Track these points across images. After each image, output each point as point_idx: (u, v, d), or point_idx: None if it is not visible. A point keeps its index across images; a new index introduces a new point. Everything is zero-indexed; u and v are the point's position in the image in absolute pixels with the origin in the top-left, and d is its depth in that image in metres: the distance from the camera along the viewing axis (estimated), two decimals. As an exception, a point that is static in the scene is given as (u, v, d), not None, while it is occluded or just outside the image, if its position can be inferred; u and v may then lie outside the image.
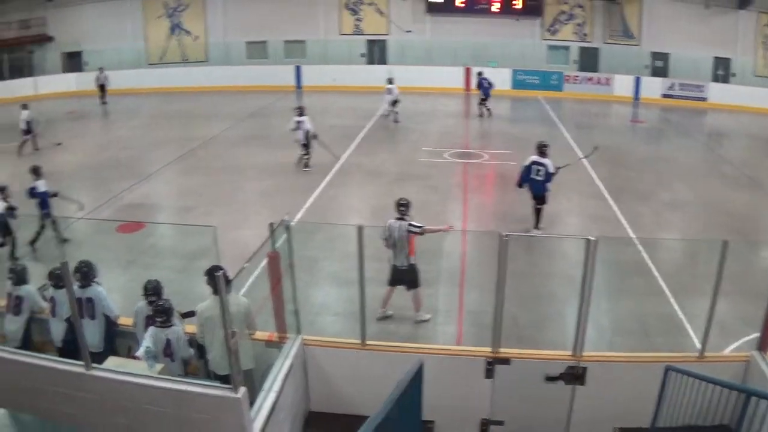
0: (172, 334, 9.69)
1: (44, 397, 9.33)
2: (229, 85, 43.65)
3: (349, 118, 32.02)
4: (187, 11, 47.44)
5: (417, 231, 13.33)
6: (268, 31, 44.17)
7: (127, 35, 48.55)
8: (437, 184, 22.59)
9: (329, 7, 43.57)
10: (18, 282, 11.53)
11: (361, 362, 10.05)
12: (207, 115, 37.62)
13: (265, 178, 24.17)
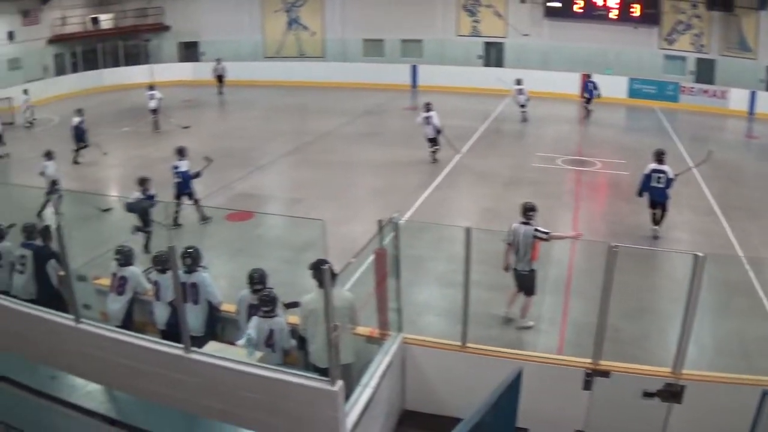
0: (275, 325, 9.87)
1: (143, 376, 9.66)
2: (345, 82, 43.97)
3: (463, 119, 31.94)
4: (304, 7, 47.98)
5: (543, 237, 13.27)
6: (385, 29, 44.30)
7: (244, 28, 49.44)
8: (549, 190, 22.42)
9: (447, 7, 43.45)
10: (124, 263, 11.89)
11: (459, 364, 10.08)
12: (322, 110, 37.99)
13: (376, 175, 24.36)
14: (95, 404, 8.05)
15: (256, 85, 45.94)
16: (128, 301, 11.85)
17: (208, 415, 8.51)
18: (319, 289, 9.39)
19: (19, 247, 13.12)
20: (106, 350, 10.13)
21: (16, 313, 11.37)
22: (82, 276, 11.06)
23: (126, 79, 49.25)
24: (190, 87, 46.32)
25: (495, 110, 34.69)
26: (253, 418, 8.61)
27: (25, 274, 12.85)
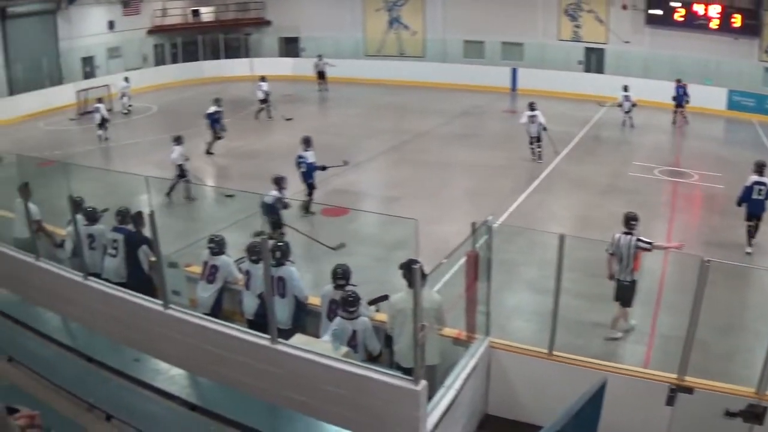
0: (358, 326, 9.84)
1: (228, 365, 9.80)
2: (444, 82, 43.77)
3: (561, 125, 31.58)
4: (406, 6, 47.95)
5: (646, 247, 13.05)
6: (486, 30, 43.93)
7: (345, 25, 49.70)
8: (644, 200, 21.98)
9: (548, 11, 42.99)
10: (216, 252, 12.02)
11: (545, 372, 9.97)
12: (420, 109, 37.91)
13: (471, 177, 24.28)
14: (177, 389, 8.14)
15: (356, 82, 46.03)
16: (218, 289, 12.02)
17: (289, 407, 8.55)
18: (408, 289, 9.39)
19: (111, 231, 13.36)
20: (193, 336, 10.29)
21: (106, 296, 11.58)
22: (174, 263, 11.17)
23: (226, 72, 50.00)
24: (290, 82, 46.68)
25: (594, 117, 34.26)
26: (334, 412, 8.60)
27: (117, 258, 13.10)
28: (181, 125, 34.73)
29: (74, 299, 12.13)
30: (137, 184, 17.15)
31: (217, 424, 7.46)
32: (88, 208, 13.83)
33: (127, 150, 31.62)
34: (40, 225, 14.43)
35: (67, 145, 33.15)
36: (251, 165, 26.18)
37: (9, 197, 15.38)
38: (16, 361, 8.65)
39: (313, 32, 49.96)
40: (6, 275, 13.31)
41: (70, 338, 9.89)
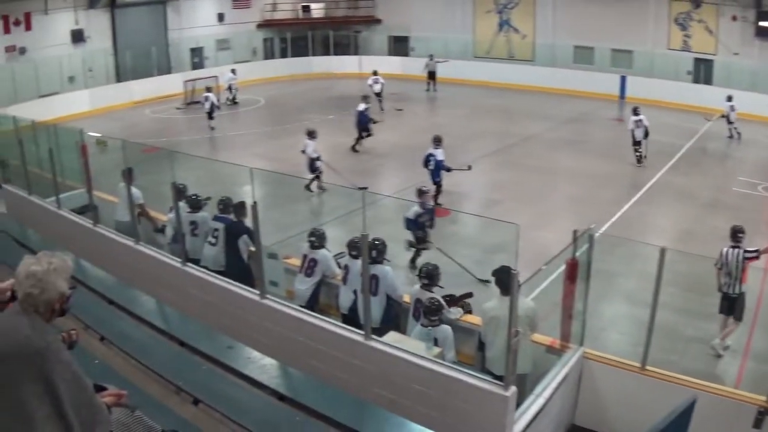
0: (439, 334, 9.71)
1: (320, 358, 9.84)
2: (552, 87, 43.20)
3: (668, 135, 30.93)
4: (516, 9, 47.42)
5: (754, 255, 12.85)
6: (596, 36, 43.17)
7: (455, 26, 49.44)
8: (748, 216, 21.10)
9: (659, 19, 42.07)
10: (316, 246, 12.06)
11: (636, 386, 9.72)
12: (527, 113, 37.56)
13: (575, 184, 23.96)
14: (267, 378, 8.20)
15: (463, 83, 45.78)
16: (315, 283, 12.09)
17: (376, 403, 8.55)
18: (501, 296, 9.33)
19: (212, 219, 13.51)
20: (288, 328, 10.36)
21: (203, 282, 11.71)
22: (273, 254, 11.28)
23: (334, 68, 50.35)
24: (398, 81, 46.70)
25: (701, 129, 33.44)
26: (421, 411, 8.58)
27: (217, 246, 13.26)
28: (287, 119, 35.23)
29: (171, 284, 12.31)
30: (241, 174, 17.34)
31: (303, 415, 7.47)
32: (192, 195, 14.05)
33: (233, 141, 32.04)
34: (142, 209, 14.69)
35: (173, 133, 33.81)
36: (356, 161, 26.27)
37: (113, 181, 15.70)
38: (108, 341, 8.79)
39: (423, 32, 49.87)
40: (106, 257, 13.54)
41: (164, 322, 10.06)
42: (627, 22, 42.16)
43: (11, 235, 14.05)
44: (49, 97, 37.21)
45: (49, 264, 4.73)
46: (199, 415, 7.29)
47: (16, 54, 38.16)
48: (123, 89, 41.43)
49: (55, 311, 4.79)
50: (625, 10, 42.05)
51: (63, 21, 40.46)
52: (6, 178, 17.94)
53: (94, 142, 16.81)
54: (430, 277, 10.67)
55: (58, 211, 15.43)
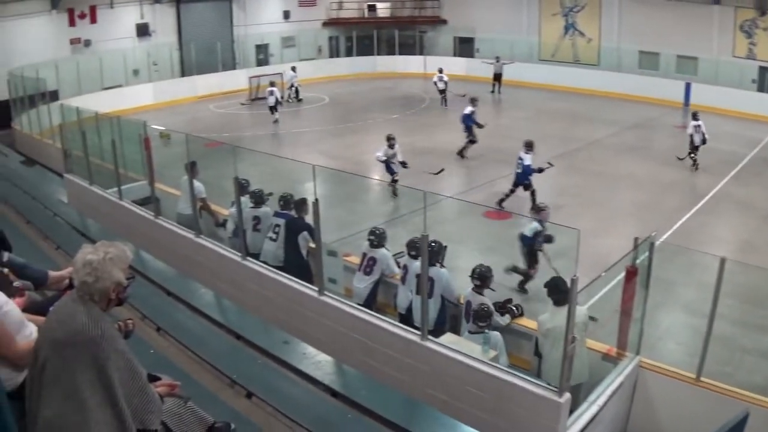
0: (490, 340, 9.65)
1: (375, 356, 9.88)
2: (616, 92, 42.74)
3: (732, 144, 30.44)
4: (582, 12, 47.07)
5: None
6: (661, 42, 42.55)
7: (521, 28, 49.31)
8: (812, 229, 21.12)
9: (724, 26, 41.29)
10: (376, 245, 12.07)
11: (689, 397, 9.55)
12: (591, 118, 37.18)
13: (637, 191, 23.67)
14: (321, 374, 8.23)
15: (528, 86, 45.58)
16: (374, 281, 12.13)
17: (429, 403, 8.54)
18: (554, 308, 9.27)
19: (273, 215, 13.58)
20: (344, 325, 10.39)
21: (262, 277, 11.78)
22: (333, 251, 11.26)
23: (399, 68, 50.49)
24: (462, 82, 46.59)
25: (765, 138, 32.85)
26: (473, 414, 8.58)
27: (276, 242, 13.31)
28: (351, 117, 35.35)
29: (230, 278, 12.42)
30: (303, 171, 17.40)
31: (355, 412, 7.47)
32: (255, 190, 14.15)
33: (296, 137, 32.21)
34: (204, 203, 14.81)
35: (236, 128, 34.12)
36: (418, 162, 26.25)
37: (175, 174, 15.83)
38: (164, 332, 8.86)
39: (488, 33, 49.71)
40: (166, 249, 13.67)
41: (221, 315, 10.14)
42: (692, 28, 41.59)
43: (71, 224, 14.24)
44: (113, 90, 37.82)
45: (106, 253, 4.79)
46: (251, 408, 7.32)
47: (81, 46, 38.77)
48: (187, 84, 41.96)
49: (112, 300, 4.84)
50: (690, 16, 41.56)
51: (128, 15, 41.19)
52: (68, 168, 18.17)
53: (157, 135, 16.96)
54: (482, 278, 10.63)
55: (120, 202, 15.63)
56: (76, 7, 38.44)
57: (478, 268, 10.74)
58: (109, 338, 4.61)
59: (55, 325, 4.64)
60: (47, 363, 4.53)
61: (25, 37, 36.07)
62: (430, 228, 9.17)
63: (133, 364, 4.77)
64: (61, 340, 4.53)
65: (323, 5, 52.10)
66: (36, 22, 37.03)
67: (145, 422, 4.86)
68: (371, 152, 26.30)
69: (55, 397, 4.49)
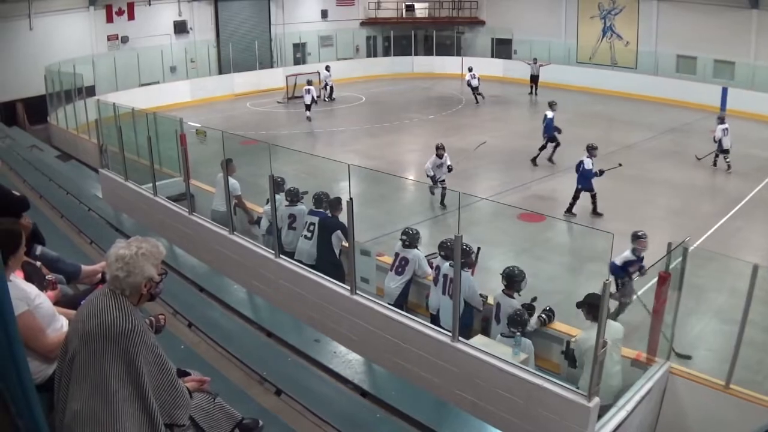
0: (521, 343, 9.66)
1: (406, 356, 9.91)
2: (653, 96, 42.43)
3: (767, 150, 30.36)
4: (620, 15, 46.84)
5: None
6: (698, 46, 42.10)
7: (559, 31, 49.22)
8: None
9: (762, 30, 40.78)
10: (408, 245, 12.07)
11: (718, 404, 9.48)
12: (628, 121, 36.98)
13: (672, 196, 23.52)
14: (351, 373, 8.24)
15: (565, 88, 45.38)
16: (406, 281, 12.10)
17: (458, 405, 8.54)
18: (593, 324, 9.10)
19: (307, 213, 13.63)
20: (376, 325, 10.41)
21: (295, 275, 11.82)
22: (366, 250, 11.26)
23: (436, 69, 50.58)
24: (499, 83, 46.72)
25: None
26: (502, 416, 8.60)
27: (311, 240, 13.33)
28: (388, 117, 35.42)
29: (263, 275, 12.48)
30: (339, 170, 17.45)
31: (384, 412, 7.48)
32: (291, 188, 14.20)
33: (332, 137, 32.34)
34: (239, 201, 14.90)
35: (272, 126, 34.30)
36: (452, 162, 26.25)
37: (210, 171, 15.91)
38: (195, 327, 8.91)
39: (526, 35, 49.70)
40: (199, 245, 13.75)
41: (253, 312, 10.17)
42: (729, 32, 41.18)
43: (106, 219, 14.35)
44: (150, 86, 38.16)
45: (138, 248, 4.84)
46: (280, 405, 7.35)
47: (118, 43, 39.08)
48: (224, 81, 42.24)
49: (143, 295, 4.89)
50: (728, 20, 41.19)
51: (166, 12, 41.55)
52: (104, 164, 18.30)
53: (193, 131, 17.10)
54: (509, 280, 10.59)
55: (154, 198, 15.73)
56: (114, 3, 38.80)
57: (507, 269, 10.70)
58: (140, 332, 4.65)
59: (86, 317, 4.68)
60: (77, 356, 4.58)
61: (62, 33, 36.48)
62: (464, 229, 9.15)
63: (162, 358, 4.81)
64: (92, 333, 4.57)
65: (361, 5, 52.35)
66: (74, 18, 37.44)
67: (174, 417, 4.91)
68: (407, 152, 26.39)
69: (84, 389, 4.53)
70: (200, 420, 5.37)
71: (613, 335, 8.97)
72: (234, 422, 5.64)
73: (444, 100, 41.02)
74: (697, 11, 42.34)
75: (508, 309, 10.24)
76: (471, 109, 38.48)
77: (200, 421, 5.36)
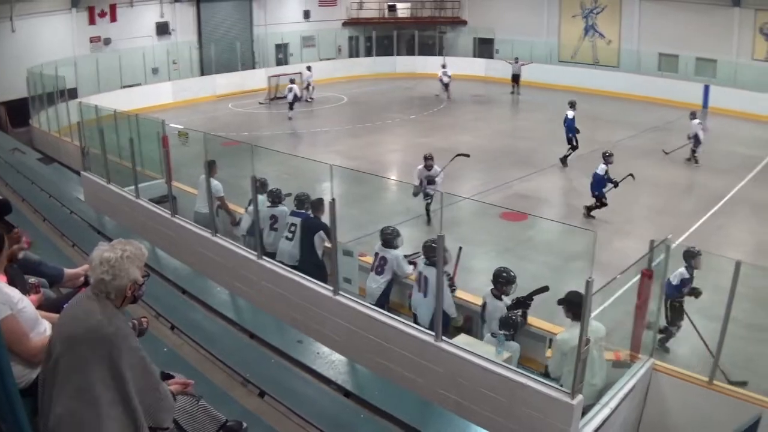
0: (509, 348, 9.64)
1: (389, 356, 9.90)
2: (636, 94, 42.62)
3: (751, 148, 30.26)
4: (602, 14, 47.05)
5: None
6: (680, 44, 42.33)
7: (541, 30, 49.37)
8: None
9: (744, 28, 40.91)
10: (387, 245, 12.06)
11: (701, 400, 9.53)
12: (610, 120, 37.10)
13: (654, 194, 23.59)
14: (334, 374, 8.26)
15: (547, 87, 45.65)
16: (386, 281, 12.05)
17: (442, 404, 8.56)
18: (574, 323, 9.08)
19: (289, 214, 13.63)
20: (358, 325, 10.42)
21: (278, 276, 11.82)
22: (349, 251, 11.24)
23: (418, 69, 50.64)
24: (481, 83, 46.90)
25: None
26: (486, 415, 8.60)
27: (292, 241, 13.31)
28: (370, 117, 35.47)
29: (245, 276, 12.45)
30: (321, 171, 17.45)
31: (368, 412, 7.50)
32: (273, 189, 14.20)
33: (314, 137, 32.32)
34: (222, 202, 14.87)
35: (255, 127, 34.34)
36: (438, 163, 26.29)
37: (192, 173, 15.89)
38: (178, 330, 8.91)
39: (508, 35, 49.80)
40: (182, 247, 13.74)
41: (236, 314, 10.17)
42: (712, 30, 41.43)
43: (88, 222, 14.33)
44: (132, 88, 38.08)
45: (123, 251, 4.84)
46: (264, 407, 7.36)
47: (101, 45, 39.02)
48: (207, 82, 42.25)
49: (127, 298, 4.89)
50: (710, 18, 41.45)
51: (148, 13, 41.51)
52: (86, 166, 18.25)
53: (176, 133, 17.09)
54: (495, 278, 10.62)
55: (137, 200, 15.69)
56: (96, 5, 38.67)
57: (497, 270, 10.70)
58: (123, 336, 4.66)
59: (69, 321, 4.68)
60: (60, 360, 4.58)
61: (45, 35, 36.30)
62: (447, 229, 9.17)
63: (146, 362, 4.81)
64: (75, 337, 4.57)
65: (343, 5, 52.40)
66: (56, 20, 37.26)
67: (158, 420, 4.91)
68: (388, 152, 26.42)
69: (68, 393, 4.53)
70: (184, 423, 5.37)
71: (595, 334, 8.97)
72: (218, 424, 5.65)
73: (426, 100, 41.07)
74: (680, 9, 42.56)
75: (494, 311, 10.28)
76: (453, 109, 38.56)
77: (184, 424, 5.37)
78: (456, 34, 54.04)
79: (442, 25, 54.23)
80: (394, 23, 53.56)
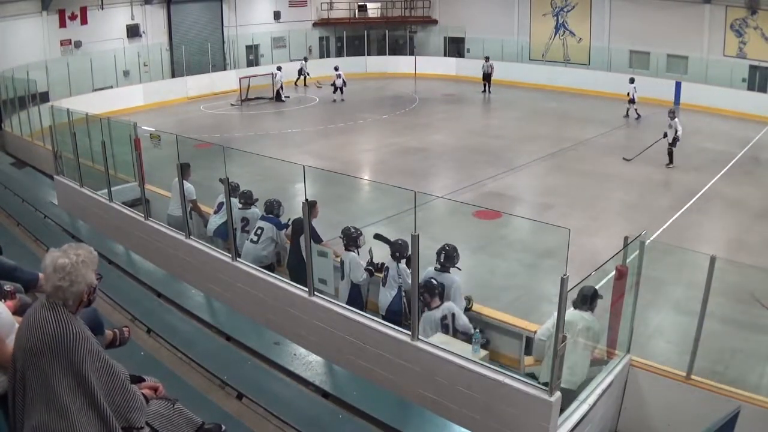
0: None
1: (366, 356, 9.91)
2: (607, 92, 42.80)
3: (721, 144, 30.50)
4: (573, 12, 47.29)
5: None
6: (651, 41, 42.56)
7: (512, 28, 49.55)
8: (803, 227, 21.13)
9: (715, 24, 41.27)
10: (346, 246, 12.04)
11: (680, 395, 9.56)
12: (582, 117, 37.26)
13: (627, 191, 23.67)
14: (311, 375, 8.26)
15: (518, 86, 45.82)
16: (352, 283, 11.90)
17: (420, 403, 8.57)
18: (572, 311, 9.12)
19: (259, 219, 13.60)
20: (334, 326, 10.41)
21: (254, 278, 11.81)
22: (323, 251, 11.20)
23: (389, 68, 50.64)
24: (452, 82, 46.95)
25: (755, 137, 32.86)
26: (464, 413, 8.60)
27: (257, 245, 13.29)
28: (341, 118, 35.47)
29: (220, 279, 12.41)
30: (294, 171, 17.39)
31: (346, 413, 7.49)
32: (245, 191, 14.16)
33: (286, 138, 32.23)
34: (194, 205, 14.82)
35: (226, 129, 34.22)
36: (408, 162, 26.25)
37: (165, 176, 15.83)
38: (154, 333, 8.87)
39: (479, 34, 49.89)
40: (156, 250, 13.69)
41: (212, 316, 10.15)
42: (683, 27, 41.68)
43: (62, 226, 14.26)
44: (104, 91, 37.88)
45: (77, 256, 4.82)
46: (242, 409, 7.35)
47: (71, 48, 38.83)
48: (178, 84, 42.11)
49: (83, 302, 4.88)
50: (680, 15, 41.72)
51: (119, 16, 41.36)
52: (59, 170, 18.16)
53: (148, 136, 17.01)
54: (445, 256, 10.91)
55: (110, 204, 15.62)
56: (66, 8, 38.47)
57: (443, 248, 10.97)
58: (83, 341, 4.66)
59: (28, 333, 4.67)
60: (26, 372, 4.61)
61: (15, 38, 36.05)
62: (420, 228, 9.15)
63: (109, 363, 4.82)
64: (35, 348, 4.58)
65: (314, 6, 52.36)
66: (26, 23, 37.03)
67: (130, 420, 4.92)
68: (361, 152, 26.42)
69: (38, 405, 4.56)
70: (160, 427, 5.34)
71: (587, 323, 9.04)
72: (195, 427, 5.62)
73: (397, 100, 41.09)
74: (650, 6, 42.79)
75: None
76: (424, 109, 38.50)
77: (160, 427, 5.34)
78: (427, 34, 54.15)
79: (413, 25, 54.31)
80: (364, 23, 53.59)
